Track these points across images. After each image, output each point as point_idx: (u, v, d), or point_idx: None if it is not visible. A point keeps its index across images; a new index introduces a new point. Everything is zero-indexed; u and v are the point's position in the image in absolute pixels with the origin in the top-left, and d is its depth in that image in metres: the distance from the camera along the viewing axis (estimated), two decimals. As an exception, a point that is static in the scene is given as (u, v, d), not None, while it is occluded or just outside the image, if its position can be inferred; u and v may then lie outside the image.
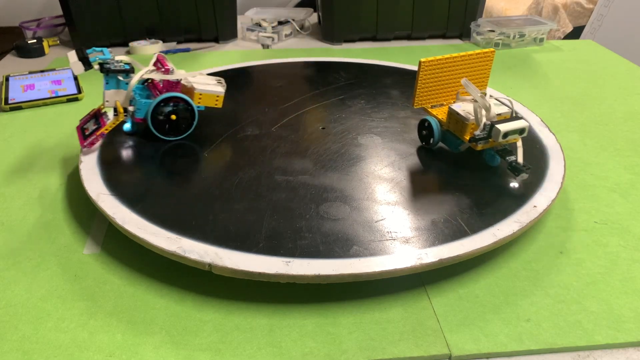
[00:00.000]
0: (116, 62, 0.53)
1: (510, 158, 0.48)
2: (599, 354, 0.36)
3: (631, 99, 0.75)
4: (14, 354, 0.35)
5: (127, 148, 0.54)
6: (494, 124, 0.46)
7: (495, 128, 0.46)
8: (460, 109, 0.49)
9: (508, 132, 0.46)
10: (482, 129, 0.47)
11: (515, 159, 0.48)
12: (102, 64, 0.53)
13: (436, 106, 0.54)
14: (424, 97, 0.53)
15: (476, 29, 0.99)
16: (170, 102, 0.54)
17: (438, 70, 0.51)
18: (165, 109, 0.54)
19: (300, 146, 0.55)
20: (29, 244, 0.46)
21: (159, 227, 0.42)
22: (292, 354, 0.36)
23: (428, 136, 0.53)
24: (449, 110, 0.50)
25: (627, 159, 0.59)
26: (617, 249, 0.45)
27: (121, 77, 0.54)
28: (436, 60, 0.50)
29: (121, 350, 0.36)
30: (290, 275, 0.37)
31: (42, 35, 1.07)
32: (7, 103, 0.72)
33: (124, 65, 0.54)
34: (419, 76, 0.51)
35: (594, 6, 1.61)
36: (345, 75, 0.74)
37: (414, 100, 0.52)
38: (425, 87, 0.52)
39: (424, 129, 0.54)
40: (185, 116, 0.55)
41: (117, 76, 0.53)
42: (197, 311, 0.39)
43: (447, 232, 0.42)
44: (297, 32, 1.09)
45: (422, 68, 0.50)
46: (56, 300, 0.40)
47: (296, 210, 0.44)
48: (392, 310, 0.39)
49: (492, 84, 0.80)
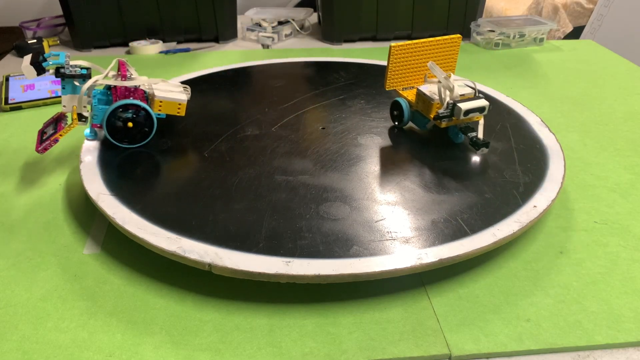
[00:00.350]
0: (72, 66, 0.52)
1: (472, 134, 0.52)
2: (599, 354, 0.36)
3: (631, 99, 0.75)
4: (14, 354, 0.35)
5: (128, 148, 0.54)
6: (456, 103, 0.50)
7: (457, 106, 0.50)
8: (427, 90, 0.53)
9: (469, 110, 0.50)
10: (446, 107, 0.51)
11: (475, 134, 0.52)
12: (57, 69, 0.52)
13: (407, 88, 0.58)
14: (394, 80, 0.56)
15: (476, 29, 0.99)
16: (128, 109, 0.52)
17: (408, 55, 0.55)
18: (122, 115, 0.52)
19: (300, 146, 0.55)
20: (29, 244, 0.46)
21: (159, 227, 0.42)
22: (292, 354, 0.36)
23: (399, 116, 0.58)
24: (417, 91, 0.54)
25: (627, 159, 0.59)
26: (617, 249, 0.45)
27: (77, 82, 0.53)
28: (406, 44, 0.54)
29: (121, 350, 0.36)
30: (290, 275, 0.37)
31: (42, 35, 1.07)
32: (7, 103, 0.72)
33: (81, 70, 0.52)
34: (390, 60, 0.55)
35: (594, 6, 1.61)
36: (345, 75, 0.74)
37: (386, 83, 0.56)
38: (396, 70, 0.56)
39: (395, 110, 0.58)
40: (143, 124, 0.53)
41: (73, 81, 0.53)
42: (197, 311, 0.39)
43: (447, 232, 0.42)
44: (297, 32, 1.09)
45: (392, 52, 0.54)
46: (56, 300, 0.40)
47: (296, 210, 0.44)
48: (392, 310, 0.39)
49: (493, 84, 0.80)
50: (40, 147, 0.52)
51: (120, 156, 0.52)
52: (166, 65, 0.90)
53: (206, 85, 0.70)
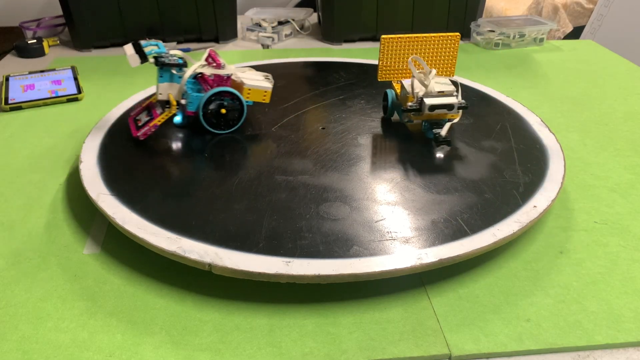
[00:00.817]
0: (170, 56, 0.55)
1: (436, 130, 0.53)
2: (599, 354, 0.36)
3: (631, 99, 0.75)
4: (14, 354, 0.35)
5: (128, 148, 0.54)
6: (423, 98, 0.52)
7: (424, 101, 0.51)
8: (408, 84, 0.55)
9: (435, 105, 0.51)
10: (415, 101, 0.53)
11: (439, 131, 0.53)
12: (157, 57, 0.54)
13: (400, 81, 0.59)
14: (386, 72, 0.59)
15: (476, 29, 0.99)
16: (221, 96, 0.55)
17: (399, 48, 0.57)
18: (216, 102, 0.55)
19: (300, 146, 0.55)
20: (29, 244, 0.46)
21: (159, 227, 0.42)
22: (292, 354, 0.36)
23: (386, 107, 0.60)
24: (400, 84, 0.56)
25: (627, 159, 0.59)
26: (617, 249, 0.45)
27: (174, 70, 0.55)
28: (397, 37, 0.56)
29: (121, 350, 0.36)
30: (290, 275, 0.37)
31: (42, 35, 1.07)
32: (7, 103, 0.72)
33: (178, 59, 0.55)
34: (380, 51, 0.57)
35: (594, 6, 1.61)
36: (345, 75, 0.74)
37: (378, 74, 0.59)
38: (387, 62, 0.57)
39: (384, 100, 0.60)
40: (235, 110, 0.56)
41: (171, 70, 0.55)
42: (197, 311, 0.39)
43: (447, 232, 0.42)
44: (297, 32, 1.09)
45: (382, 43, 0.56)
46: (56, 300, 0.40)
47: (296, 210, 0.44)
48: (392, 310, 0.39)
49: (493, 84, 0.80)
50: (140, 133, 0.55)
51: (120, 156, 0.52)
52: (166, 65, 0.90)
53: (206, 85, 0.70)
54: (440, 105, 0.51)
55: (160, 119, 0.55)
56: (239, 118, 0.57)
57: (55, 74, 0.82)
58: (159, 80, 0.55)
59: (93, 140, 0.56)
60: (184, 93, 0.56)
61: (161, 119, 0.55)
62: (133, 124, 0.57)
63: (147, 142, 0.55)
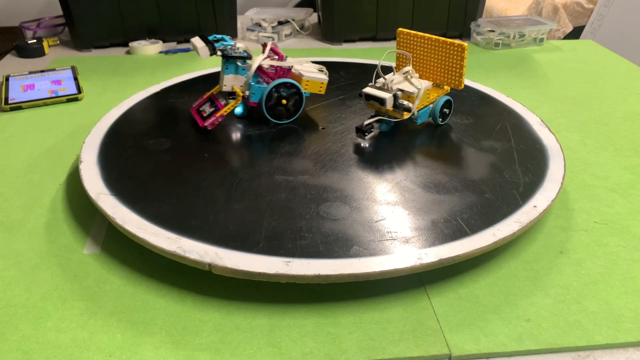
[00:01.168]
0: (236, 49, 0.57)
1: (367, 121, 0.56)
2: (599, 354, 0.36)
3: (631, 99, 0.75)
4: (14, 354, 0.35)
5: (128, 148, 0.54)
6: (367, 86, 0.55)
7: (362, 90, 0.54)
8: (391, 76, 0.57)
9: (368, 94, 0.54)
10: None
11: (367, 123, 0.55)
12: (223, 50, 0.56)
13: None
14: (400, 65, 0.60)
15: (476, 29, 0.99)
16: (282, 87, 0.57)
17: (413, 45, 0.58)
18: (278, 93, 0.57)
19: (300, 146, 0.55)
20: (29, 244, 0.46)
21: (159, 227, 0.42)
22: (292, 354, 0.36)
23: None
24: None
25: (627, 159, 0.59)
26: (617, 249, 0.45)
27: (239, 63, 0.57)
28: (413, 33, 0.57)
29: (121, 350, 0.36)
30: (290, 275, 0.37)
31: (42, 35, 1.07)
32: (7, 103, 0.72)
33: (242, 52, 0.57)
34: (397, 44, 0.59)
35: (594, 6, 1.61)
36: (345, 75, 0.74)
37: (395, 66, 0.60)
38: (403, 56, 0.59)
39: None
40: (295, 101, 0.59)
41: (236, 62, 0.56)
42: (197, 311, 0.39)
43: (447, 232, 0.42)
44: (297, 32, 1.09)
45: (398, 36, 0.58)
46: (56, 300, 0.40)
47: (296, 210, 0.44)
48: (392, 310, 0.39)
49: (493, 84, 0.80)
50: (208, 123, 0.56)
51: (120, 156, 0.52)
52: (166, 65, 0.90)
53: (206, 86, 0.70)
54: (373, 97, 0.54)
55: (227, 109, 0.57)
56: (298, 108, 0.59)
57: (55, 74, 0.82)
58: (225, 72, 0.57)
59: (93, 140, 0.56)
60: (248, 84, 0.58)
61: (227, 109, 0.57)
62: (197, 115, 0.59)
63: (147, 142, 0.55)
